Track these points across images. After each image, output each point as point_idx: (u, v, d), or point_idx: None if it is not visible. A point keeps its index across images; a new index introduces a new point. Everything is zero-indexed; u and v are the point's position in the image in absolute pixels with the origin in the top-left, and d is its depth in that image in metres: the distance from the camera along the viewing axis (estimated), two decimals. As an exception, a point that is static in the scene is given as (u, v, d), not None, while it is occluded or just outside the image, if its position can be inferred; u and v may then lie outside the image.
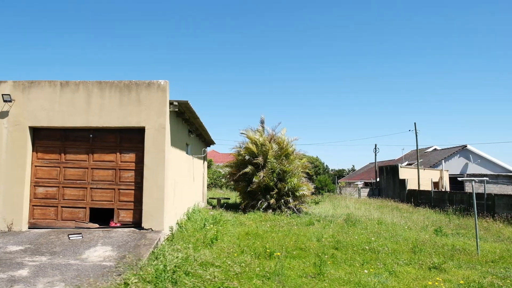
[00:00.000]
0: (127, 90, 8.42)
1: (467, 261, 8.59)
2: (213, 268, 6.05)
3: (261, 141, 16.60)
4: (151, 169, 8.25)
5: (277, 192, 15.91)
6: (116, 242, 7.30)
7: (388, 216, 17.45)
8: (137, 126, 8.39)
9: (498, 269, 7.95)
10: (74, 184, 8.48)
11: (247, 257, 7.24)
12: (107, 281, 5.19)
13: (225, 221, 12.19)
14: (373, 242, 9.68)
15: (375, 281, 6.63)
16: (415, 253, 9.04)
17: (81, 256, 6.52)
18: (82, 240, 7.42)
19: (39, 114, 8.38)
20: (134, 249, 6.96)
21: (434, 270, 7.70)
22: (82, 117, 8.38)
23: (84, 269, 5.88)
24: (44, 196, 8.44)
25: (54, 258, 6.38)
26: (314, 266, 6.80)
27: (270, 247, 8.49)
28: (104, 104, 8.40)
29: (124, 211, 8.45)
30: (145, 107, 8.39)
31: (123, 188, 8.49)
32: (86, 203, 8.47)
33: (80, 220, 8.45)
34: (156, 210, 8.17)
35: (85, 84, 8.45)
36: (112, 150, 8.58)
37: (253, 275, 6.06)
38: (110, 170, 8.53)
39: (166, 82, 8.54)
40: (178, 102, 8.70)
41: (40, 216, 8.41)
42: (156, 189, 8.21)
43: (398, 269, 7.60)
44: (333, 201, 24.39)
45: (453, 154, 33.17)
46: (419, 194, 23.45)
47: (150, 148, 8.30)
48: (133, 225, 8.39)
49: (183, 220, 10.56)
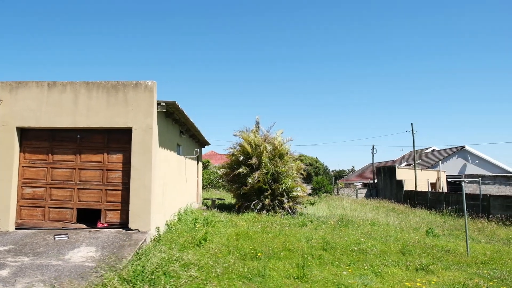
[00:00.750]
0: (114, 90, 8.42)
1: (456, 262, 8.54)
2: (194, 269, 6.03)
3: (256, 142, 16.58)
4: (138, 170, 8.25)
5: (271, 193, 15.87)
6: (101, 243, 7.29)
7: (383, 217, 17.41)
8: (124, 126, 8.39)
9: (486, 271, 7.91)
10: (62, 185, 8.48)
11: (232, 258, 7.22)
12: (86, 282, 5.18)
13: (216, 222, 12.17)
14: (363, 243, 9.65)
15: (360, 283, 6.61)
16: (404, 254, 9.00)
17: (64, 256, 6.51)
18: (68, 241, 7.41)
19: (27, 115, 8.38)
20: (118, 249, 6.95)
21: (421, 271, 7.67)
22: (70, 118, 8.38)
23: (65, 269, 5.87)
24: (31, 196, 8.44)
25: (36, 258, 6.37)
26: (298, 267, 6.76)
27: (257, 248, 8.47)
28: (91, 104, 8.41)
29: (111, 211, 8.45)
30: (132, 107, 8.39)
31: (110, 189, 8.48)
32: (73, 203, 8.47)
33: (68, 220, 8.45)
34: (143, 211, 8.16)
35: (73, 84, 8.45)
36: (99, 150, 8.58)
37: (235, 276, 6.04)
38: (97, 170, 8.53)
39: (153, 82, 8.54)
40: (166, 103, 8.69)
41: (27, 217, 8.41)
42: (143, 190, 8.20)
43: (384, 270, 7.56)
44: (329, 202, 24.34)
45: (451, 155, 33.09)
46: (415, 195, 23.39)
47: (137, 149, 8.30)
48: (120, 225, 8.38)
49: (173, 221, 10.55)
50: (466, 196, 19.83)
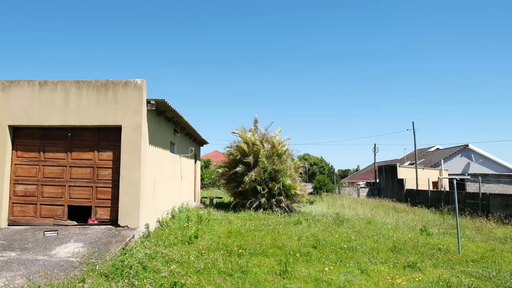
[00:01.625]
0: (104, 89, 8.53)
1: (446, 260, 8.51)
2: (176, 264, 6.10)
3: (253, 140, 16.60)
4: (128, 168, 8.34)
5: (268, 191, 15.88)
6: (89, 239, 7.40)
7: (381, 215, 17.36)
8: (114, 124, 8.49)
9: (475, 269, 7.88)
10: (53, 182, 8.61)
11: (218, 255, 7.27)
12: (65, 276, 5.27)
13: (211, 219, 12.24)
14: (353, 241, 9.65)
15: (343, 279, 6.63)
16: (394, 252, 8.99)
17: (51, 252, 6.62)
18: (56, 237, 7.53)
19: (19, 113, 8.53)
20: (105, 245, 7.04)
21: (409, 268, 7.67)
22: (61, 116, 8.51)
23: (49, 264, 5.98)
24: (23, 194, 8.58)
25: (23, 254, 6.49)
26: (281, 264, 6.79)
27: (245, 245, 8.52)
28: (81, 103, 8.52)
29: (101, 208, 8.55)
30: (122, 106, 8.49)
31: (100, 186, 8.59)
32: (64, 200, 8.59)
33: (59, 217, 8.57)
34: (132, 208, 8.25)
35: (63, 83, 8.58)
36: (90, 148, 8.69)
37: (216, 272, 6.10)
38: (88, 168, 8.64)
39: (142, 81, 8.63)
40: (156, 101, 8.78)
41: (20, 214, 8.55)
42: (132, 187, 8.29)
43: (371, 267, 7.58)
44: (329, 201, 24.28)
45: (454, 154, 32.79)
46: (416, 194, 23.25)
47: (126, 147, 8.39)
48: (110, 222, 8.49)
49: (166, 218, 10.64)
50: (466, 195, 19.69)
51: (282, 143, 17.17)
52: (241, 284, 5.72)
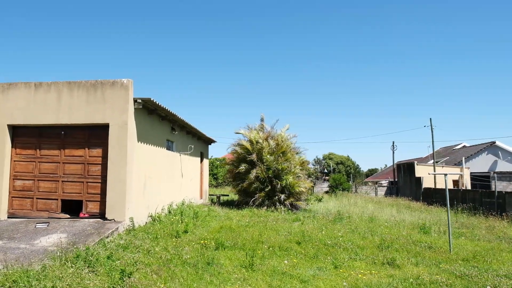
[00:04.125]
0: (93, 89, 8.97)
1: (433, 259, 8.30)
2: (143, 255, 6.36)
3: (256, 139, 16.73)
4: (114, 164, 8.73)
5: (271, 189, 15.97)
6: (74, 231, 7.83)
7: (388, 214, 16.97)
8: (102, 123, 8.91)
9: (461, 267, 7.62)
10: (48, 178, 9.16)
11: (191, 247, 7.48)
12: (36, 262, 5.64)
13: (210, 216, 12.51)
14: (340, 237, 9.57)
15: (311, 274, 6.65)
16: (380, 249, 8.85)
17: (34, 241, 7.09)
18: (46, 229, 8.02)
19: (16, 113, 9.14)
20: (86, 237, 7.43)
21: (387, 265, 7.56)
22: (54, 115, 9.04)
23: (27, 252, 6.41)
24: (21, 188, 9.19)
25: (9, 242, 6.99)
26: (247, 257, 6.87)
27: (226, 240, 8.66)
28: (73, 103, 9.01)
29: (91, 202, 9.00)
30: (109, 105, 8.89)
31: (91, 181, 9.05)
32: (58, 195, 9.12)
33: (53, 210, 9.11)
34: (118, 202, 8.63)
35: (56, 84, 9.10)
36: (81, 145, 9.17)
37: (179, 262, 6.30)
38: (79, 164, 9.12)
39: (129, 80, 8.99)
40: (142, 99, 9.11)
41: (18, 207, 9.17)
42: (119, 183, 8.67)
43: (347, 263, 7.53)
44: (342, 199, 23.94)
45: (480, 151, 31.31)
46: (434, 192, 22.47)
47: (113, 144, 8.79)
48: (99, 216, 8.92)
49: (161, 213, 10.97)
50: (482, 193, 18.84)
51: (287, 140, 17.18)
52: (200, 273, 5.88)
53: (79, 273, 4.94)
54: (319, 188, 30.34)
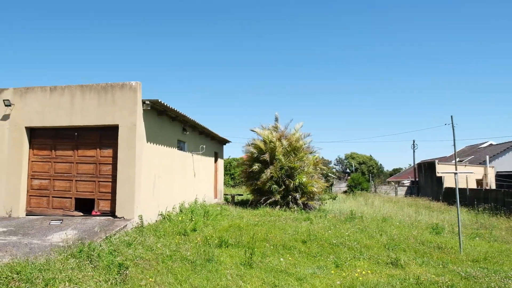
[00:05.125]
0: (104, 91, 9.33)
1: (440, 259, 8.14)
2: (145, 250, 6.59)
3: (270, 138, 16.80)
4: (124, 164, 9.05)
5: (284, 188, 16.00)
6: (85, 228, 8.18)
7: (405, 214, 16.65)
8: (112, 124, 9.26)
9: (468, 268, 7.44)
10: (62, 177, 9.61)
11: (194, 245, 7.66)
12: (44, 256, 5.96)
13: (222, 215, 12.68)
14: (346, 236, 9.51)
15: (309, 272, 6.67)
16: (387, 249, 8.76)
17: (46, 237, 7.47)
18: (59, 225, 8.43)
19: (33, 116, 9.64)
20: (95, 233, 7.75)
21: (390, 265, 7.48)
22: (68, 117, 9.47)
23: (38, 247, 6.77)
24: (38, 187, 9.68)
25: (23, 238, 7.40)
26: (246, 255, 6.95)
27: (235, 238, 8.80)
28: (85, 105, 9.40)
29: (103, 201, 9.37)
30: (119, 107, 9.22)
31: (102, 181, 9.41)
32: (72, 193, 9.54)
33: (67, 208, 9.54)
34: (127, 201, 8.94)
35: (70, 88, 9.53)
36: (93, 146, 9.56)
37: (178, 258, 6.48)
38: (91, 164, 9.51)
39: (137, 83, 9.29)
40: (150, 101, 9.39)
41: (35, 205, 9.66)
42: (128, 182, 8.99)
43: (350, 262, 7.50)
44: (360, 199, 23.62)
45: (507, 150, 30.04)
46: (455, 192, 21.76)
47: (123, 144, 9.11)
48: (110, 213, 9.27)
49: (171, 212, 11.25)
50: (505, 193, 18.12)
51: (300, 140, 17.15)
52: (198, 269, 6.03)
53: (80, 266, 5.19)
54: (338, 188, 30.03)
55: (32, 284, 4.40)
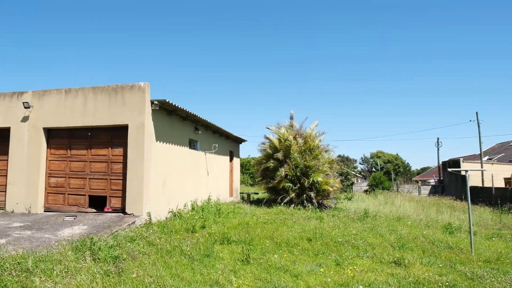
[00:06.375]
0: (114, 93, 9.69)
1: (449, 259, 7.91)
2: (147, 245, 6.82)
3: (284, 136, 16.80)
4: (133, 162, 9.37)
5: (299, 187, 15.97)
6: (95, 223, 8.54)
7: (425, 214, 16.20)
8: (122, 124, 9.60)
9: (476, 269, 7.20)
10: (77, 175, 10.05)
11: (196, 241, 7.83)
12: (50, 249, 6.30)
13: (235, 213, 12.83)
14: (353, 235, 9.41)
15: (307, 269, 6.67)
16: (394, 248, 8.60)
17: (58, 232, 7.86)
18: (72, 221, 8.84)
19: (50, 117, 10.14)
20: (104, 229, 8.09)
21: (393, 264, 7.35)
22: (81, 118, 9.90)
23: (49, 241, 7.14)
24: (55, 185, 10.18)
25: (36, 232, 7.83)
26: (243, 252, 7.02)
27: (239, 235, 8.91)
28: (97, 106, 9.80)
29: (114, 198, 9.74)
30: (128, 107, 9.55)
31: (113, 178, 9.78)
32: (85, 191, 9.97)
33: (81, 205, 9.98)
34: (136, 198, 9.25)
35: (83, 90, 9.96)
36: (105, 145, 9.94)
37: (178, 253, 6.66)
38: (103, 163, 9.90)
39: (145, 84, 9.58)
40: (158, 101, 9.66)
41: (52, 202, 10.17)
42: (136, 180, 9.29)
43: (352, 261, 7.43)
44: (380, 198, 23.14)
45: (541, 147, 28.48)
46: (480, 191, 20.93)
47: (132, 144, 9.43)
48: (121, 210, 9.61)
49: (183, 209, 11.50)
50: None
51: (315, 138, 17.05)
52: (195, 264, 6.18)
53: (78, 258, 5.46)
54: (359, 187, 29.53)
55: (30, 273, 4.69)
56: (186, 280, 5.16)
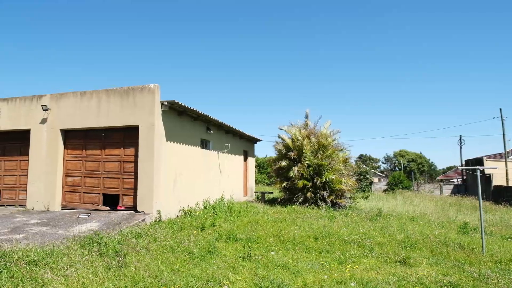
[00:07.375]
0: (126, 94, 10.02)
1: (458, 259, 7.74)
2: (152, 241, 7.05)
3: (297, 135, 16.80)
4: (143, 161, 9.67)
5: (312, 186, 15.93)
6: (107, 221, 8.87)
7: (444, 214, 15.79)
8: (133, 124, 9.92)
9: (485, 269, 7.02)
10: (92, 174, 10.46)
11: (201, 238, 8.01)
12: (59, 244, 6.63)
13: (248, 212, 12.95)
14: (361, 234, 9.33)
15: (308, 267, 6.71)
16: (402, 247, 8.48)
17: (71, 228, 8.23)
18: (86, 218, 9.22)
19: (67, 119, 10.60)
20: (114, 225, 8.40)
21: (397, 263, 7.27)
22: (95, 120, 10.30)
23: (62, 237, 7.50)
24: (72, 184, 10.64)
25: (51, 229, 8.23)
26: (244, 249, 7.12)
27: (246, 233, 9.04)
28: (110, 108, 10.17)
29: (126, 196, 10.07)
30: (139, 108, 9.86)
31: (126, 177, 10.12)
32: (100, 189, 10.36)
33: (96, 203, 10.38)
34: (147, 196, 9.54)
35: (97, 92, 10.35)
36: (118, 145, 10.30)
37: (181, 250, 6.84)
38: (116, 162, 10.26)
39: (155, 85, 9.86)
40: (168, 102, 9.92)
41: (69, 200, 10.62)
42: (147, 179, 9.58)
43: (356, 259, 7.41)
44: (398, 197, 22.67)
45: None
46: (504, 190, 20.16)
47: (142, 143, 9.73)
48: (132, 208, 9.94)
49: (194, 208, 11.73)
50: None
51: (328, 137, 16.95)
52: (197, 260, 6.34)
53: (85, 252, 5.73)
54: (378, 186, 29.04)
55: (36, 265, 4.98)
56: (183, 274, 5.32)
